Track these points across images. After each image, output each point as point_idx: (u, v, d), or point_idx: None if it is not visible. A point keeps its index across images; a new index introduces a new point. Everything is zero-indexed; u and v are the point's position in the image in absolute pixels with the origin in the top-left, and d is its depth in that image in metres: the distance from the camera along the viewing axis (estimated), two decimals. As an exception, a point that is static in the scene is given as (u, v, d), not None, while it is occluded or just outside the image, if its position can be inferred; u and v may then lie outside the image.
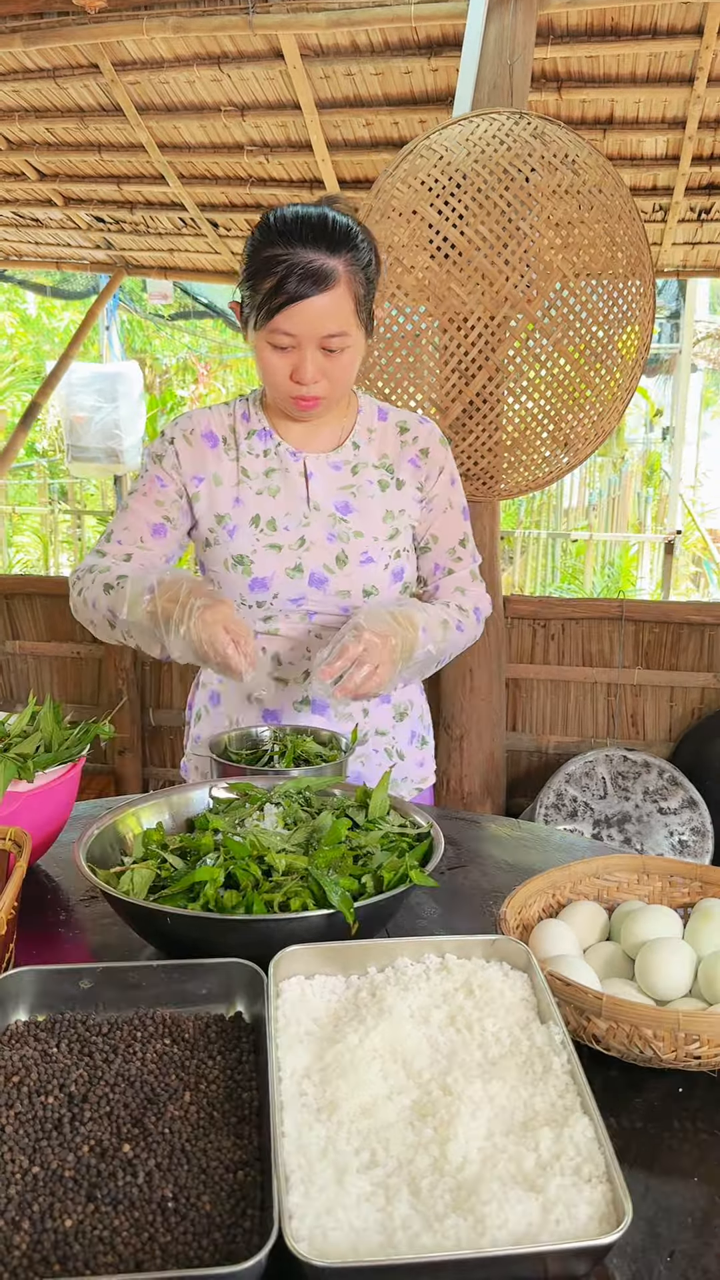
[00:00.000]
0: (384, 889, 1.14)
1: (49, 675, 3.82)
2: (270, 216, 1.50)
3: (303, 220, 1.46)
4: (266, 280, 1.46)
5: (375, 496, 1.67)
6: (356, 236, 1.50)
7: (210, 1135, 0.85)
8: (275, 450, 1.66)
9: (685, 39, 3.18)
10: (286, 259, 1.44)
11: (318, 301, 1.46)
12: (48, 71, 3.72)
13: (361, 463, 1.68)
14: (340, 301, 1.48)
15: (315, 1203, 0.75)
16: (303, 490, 1.66)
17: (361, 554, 1.65)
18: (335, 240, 1.46)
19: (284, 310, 1.45)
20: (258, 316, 1.49)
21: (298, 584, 1.65)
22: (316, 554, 1.64)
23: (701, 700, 3.34)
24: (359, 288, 1.51)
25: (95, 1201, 0.78)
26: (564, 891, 1.23)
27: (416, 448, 1.70)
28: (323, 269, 1.44)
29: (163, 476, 1.65)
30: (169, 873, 1.19)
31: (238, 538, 1.64)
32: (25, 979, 0.97)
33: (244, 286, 1.52)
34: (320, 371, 1.52)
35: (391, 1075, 0.88)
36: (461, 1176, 0.78)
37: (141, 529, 1.65)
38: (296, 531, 1.64)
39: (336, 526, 1.65)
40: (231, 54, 3.48)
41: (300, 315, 1.46)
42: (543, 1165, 0.79)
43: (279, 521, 1.64)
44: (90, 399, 7.24)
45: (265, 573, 1.64)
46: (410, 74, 3.44)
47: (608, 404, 2.90)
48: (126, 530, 1.65)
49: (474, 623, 1.73)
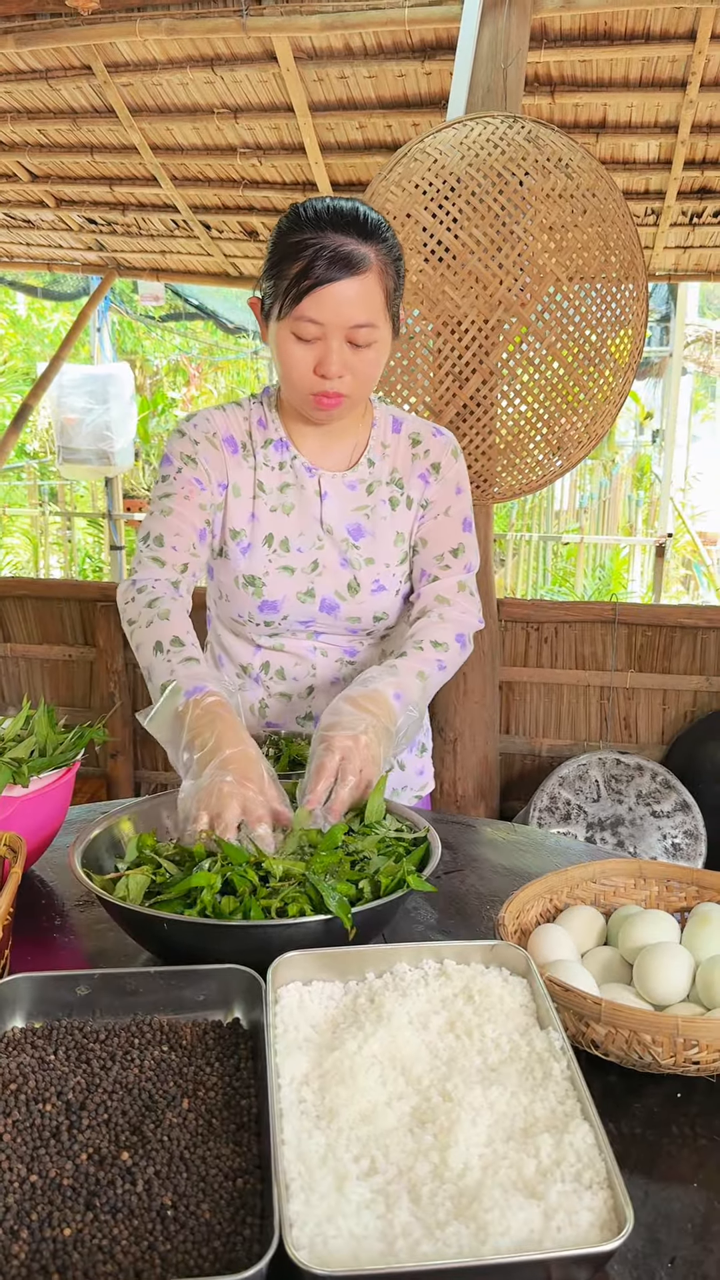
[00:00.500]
0: (381, 894, 1.13)
1: (40, 678, 3.81)
2: (299, 206, 1.44)
3: (334, 209, 1.41)
4: (294, 264, 1.39)
5: (387, 518, 1.63)
6: (387, 230, 1.44)
7: (209, 1143, 0.85)
8: (291, 464, 1.61)
9: (678, 44, 3.19)
10: (316, 242, 1.38)
11: (348, 287, 1.39)
12: (40, 73, 3.71)
13: (376, 480, 1.63)
14: (371, 290, 1.41)
15: (316, 1210, 0.75)
16: (317, 510, 1.61)
17: (374, 581, 1.61)
18: (367, 229, 1.40)
19: (312, 294, 1.38)
20: (283, 304, 1.42)
21: (308, 608, 1.61)
22: (329, 580, 1.61)
23: (694, 703, 3.34)
24: (389, 280, 1.44)
25: (94, 1210, 0.78)
26: (561, 896, 1.23)
27: (428, 462, 1.64)
28: (354, 253, 1.38)
29: (201, 479, 1.57)
30: (164, 878, 1.18)
31: (251, 557, 1.60)
32: (21, 985, 0.97)
33: (266, 277, 1.46)
34: (345, 366, 1.44)
35: (391, 1082, 0.88)
36: (462, 1183, 0.78)
37: (191, 535, 1.55)
38: (310, 554, 1.60)
39: (349, 552, 1.61)
40: (225, 56, 3.48)
41: (329, 300, 1.39)
42: (543, 1172, 0.79)
43: (292, 542, 1.60)
44: (81, 400, 7.21)
45: (277, 595, 1.60)
46: (404, 77, 3.45)
47: (601, 407, 2.91)
48: (179, 536, 1.54)
49: (458, 651, 1.59)
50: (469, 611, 1.63)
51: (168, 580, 1.52)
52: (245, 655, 1.71)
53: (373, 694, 1.38)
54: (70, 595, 3.72)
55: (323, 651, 1.68)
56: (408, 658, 1.51)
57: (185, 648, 1.40)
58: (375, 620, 1.65)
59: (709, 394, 11.11)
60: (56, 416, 7.16)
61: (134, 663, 3.76)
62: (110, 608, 3.63)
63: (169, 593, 1.49)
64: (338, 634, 1.66)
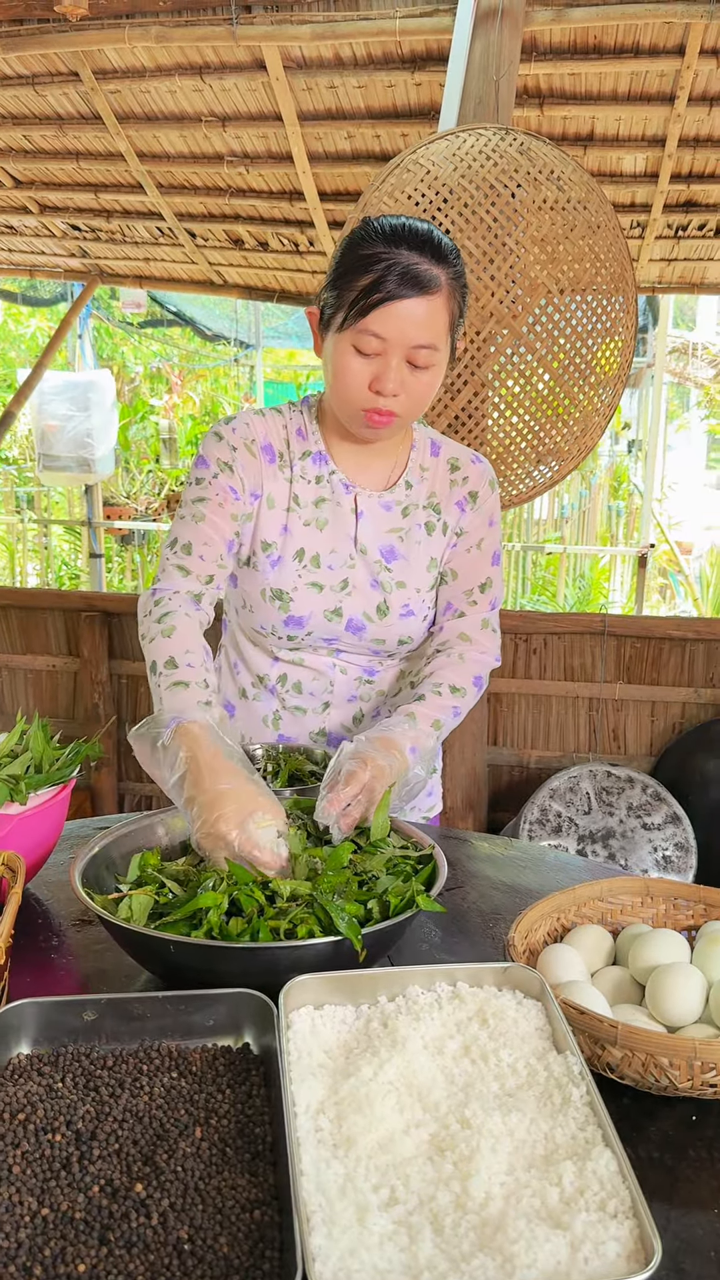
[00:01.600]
0: (390, 915, 1.12)
1: (23, 688, 3.77)
2: (372, 220, 1.42)
3: (409, 227, 1.39)
4: (363, 277, 1.36)
5: (421, 542, 1.59)
6: (458, 257, 1.42)
7: (224, 1173, 0.83)
8: (328, 478, 1.57)
9: (667, 58, 3.22)
10: (389, 258, 1.35)
11: (416, 306, 1.36)
12: (26, 78, 3.69)
13: (412, 504, 1.60)
14: (438, 313, 1.39)
15: (338, 1244, 0.73)
16: (351, 528, 1.57)
17: (403, 606, 1.59)
18: (441, 251, 1.38)
19: (379, 309, 1.36)
20: (347, 315, 1.38)
21: (334, 626, 1.59)
22: (358, 600, 1.58)
23: (682, 715, 3.35)
24: (455, 305, 1.42)
25: (108, 1244, 0.76)
26: (568, 915, 1.22)
27: (465, 490, 1.61)
28: (427, 273, 1.36)
29: (236, 489, 1.52)
30: (167, 898, 1.16)
31: (280, 570, 1.56)
32: (27, 1011, 0.95)
33: (330, 288, 1.42)
34: (401, 385, 1.41)
35: (408, 1109, 0.87)
36: (485, 1213, 0.76)
37: (220, 546, 1.51)
38: (341, 572, 1.57)
39: (380, 574, 1.58)
40: (214, 64, 3.47)
41: (395, 317, 1.36)
42: (567, 1201, 0.78)
43: (323, 559, 1.57)
44: (62, 408, 7.16)
45: (304, 611, 1.57)
46: (393, 87, 3.45)
47: (590, 419, 2.92)
48: (207, 546, 1.50)
49: (474, 695, 1.58)
50: (488, 651, 1.62)
51: (187, 592, 1.47)
52: (263, 666, 1.68)
53: (389, 741, 1.38)
54: (54, 605, 3.68)
55: (342, 669, 1.65)
56: (425, 703, 1.50)
57: (178, 670, 1.36)
58: (400, 644, 1.62)
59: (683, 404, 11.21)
60: (37, 423, 7.11)
61: (119, 674, 3.73)
62: (95, 618, 3.60)
63: (183, 607, 1.45)
64: (360, 653, 1.64)
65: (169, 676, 1.36)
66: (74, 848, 1.63)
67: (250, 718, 1.71)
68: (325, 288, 1.46)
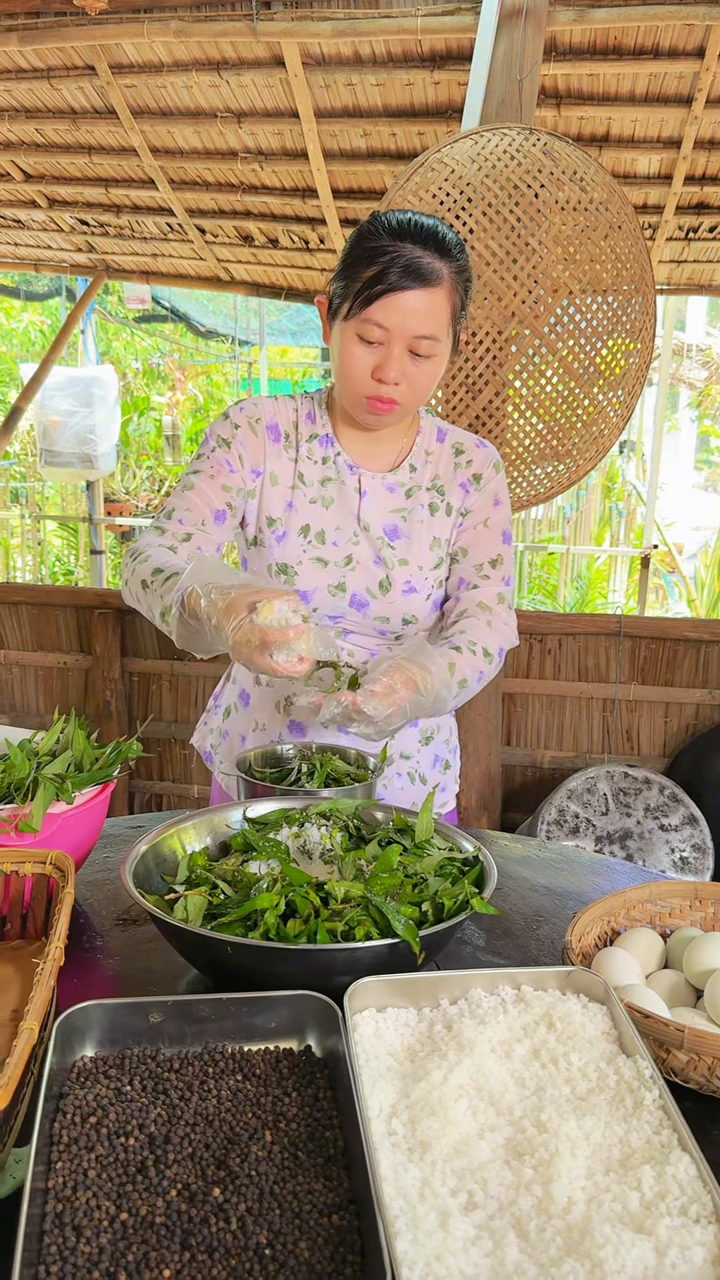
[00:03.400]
0: (444, 917, 1.12)
1: (34, 686, 3.76)
2: (379, 214, 1.47)
3: (415, 222, 1.44)
4: (369, 269, 1.42)
5: (424, 521, 1.64)
6: (462, 252, 1.48)
7: (298, 1177, 0.82)
8: (334, 459, 1.63)
9: (686, 60, 3.22)
10: (393, 250, 1.41)
11: (418, 298, 1.42)
12: (41, 72, 3.67)
13: (416, 486, 1.65)
14: (439, 305, 1.44)
15: (424, 1249, 0.73)
16: (355, 506, 1.63)
17: (405, 582, 1.63)
18: (445, 246, 1.44)
19: (382, 299, 1.41)
20: (351, 305, 1.44)
21: (339, 602, 1.62)
22: (361, 575, 1.62)
23: (697, 716, 3.36)
24: (457, 298, 1.48)
25: (190, 1249, 0.75)
26: (618, 918, 1.22)
27: (469, 472, 1.66)
28: (429, 266, 1.41)
29: (231, 463, 1.59)
30: (219, 899, 1.16)
31: (285, 545, 1.61)
32: (92, 1013, 0.94)
33: (338, 278, 1.48)
34: (403, 374, 1.47)
35: (481, 1112, 0.86)
36: (569, 1218, 0.76)
37: (204, 512, 1.57)
38: (345, 548, 1.62)
39: (383, 550, 1.62)
40: (232, 60, 3.46)
41: (397, 308, 1.42)
42: (648, 1205, 0.77)
43: (328, 535, 1.61)
44: (65, 403, 7.13)
45: (309, 586, 1.61)
46: (411, 86, 3.44)
47: (609, 421, 2.92)
48: (189, 511, 1.57)
49: (496, 666, 1.62)
50: (510, 625, 1.67)
51: (160, 544, 1.52)
52: None
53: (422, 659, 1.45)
54: (67, 602, 3.67)
55: (350, 653, 1.67)
56: (461, 655, 1.54)
57: (163, 571, 1.41)
58: (404, 623, 1.65)
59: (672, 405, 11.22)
60: (39, 419, 7.09)
61: (131, 671, 3.72)
62: (108, 615, 3.59)
63: (157, 547, 1.50)
64: (366, 634, 1.67)
65: (160, 578, 1.40)
66: (107, 847, 1.62)
67: (264, 704, 1.74)
68: (334, 278, 1.51)
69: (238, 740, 1.76)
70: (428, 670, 1.43)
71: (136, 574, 1.46)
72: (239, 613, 1.24)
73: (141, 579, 1.44)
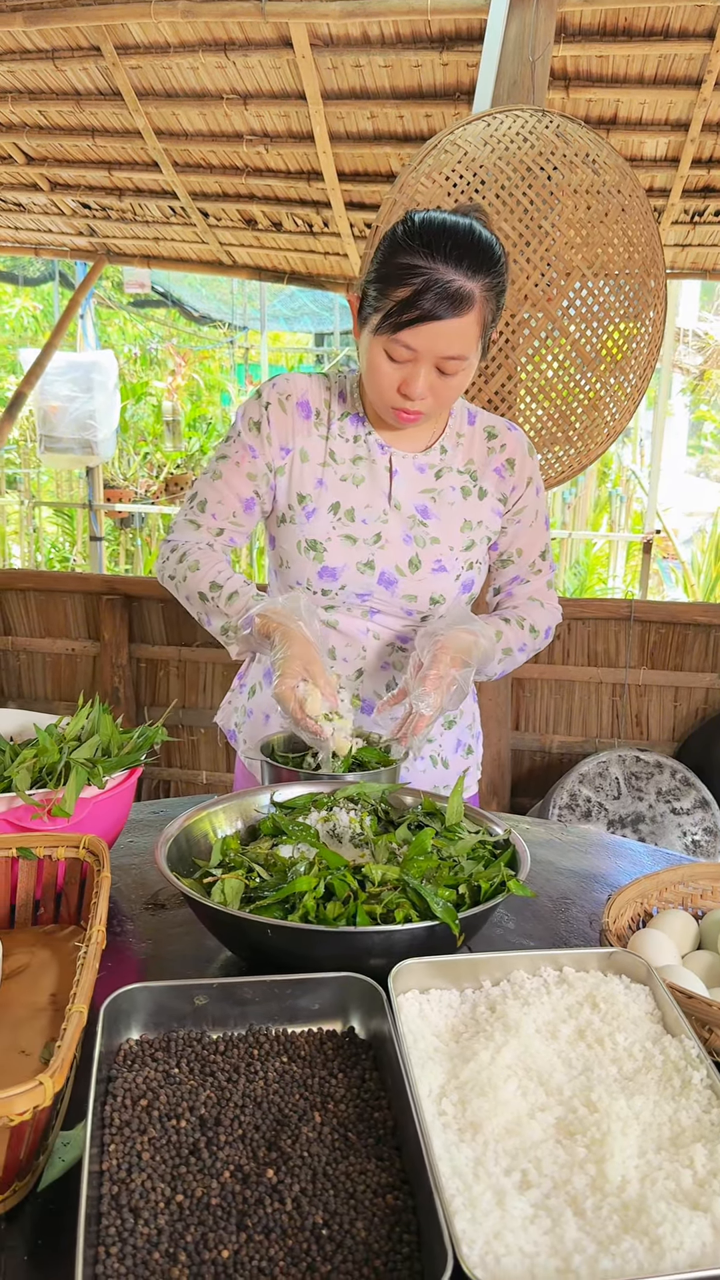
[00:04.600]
0: (481, 899, 1.12)
1: (41, 672, 3.75)
2: (415, 218, 1.44)
3: (449, 231, 1.40)
4: (400, 289, 1.40)
5: (456, 504, 1.65)
6: (499, 258, 1.44)
7: (350, 1158, 0.83)
8: (365, 438, 1.63)
9: (696, 41, 3.19)
10: (426, 273, 1.38)
11: (448, 325, 1.41)
12: (46, 53, 3.64)
13: (446, 467, 1.65)
14: (469, 326, 1.43)
15: (482, 1227, 0.74)
16: (386, 485, 1.63)
17: (435, 561, 1.63)
18: (479, 261, 1.40)
19: (412, 327, 1.41)
20: (381, 323, 1.43)
21: (367, 579, 1.62)
22: (391, 553, 1.62)
23: (706, 700, 3.36)
24: (489, 313, 1.46)
25: (247, 1230, 0.75)
26: (651, 900, 1.22)
27: (503, 457, 1.67)
28: (460, 291, 1.39)
29: (256, 447, 1.62)
30: (255, 883, 1.16)
31: (315, 521, 1.61)
32: (138, 996, 0.94)
33: (372, 286, 1.46)
34: (429, 389, 1.47)
35: (530, 1092, 0.87)
36: (624, 1196, 0.77)
37: (234, 503, 1.63)
38: (374, 526, 1.62)
39: (415, 529, 1.63)
40: (239, 41, 3.43)
41: (427, 334, 1.41)
42: (701, 1183, 0.78)
43: (358, 513, 1.62)
44: (65, 389, 7.09)
45: (337, 563, 1.61)
46: (420, 67, 3.41)
47: (620, 404, 2.91)
48: (220, 504, 1.64)
49: (543, 641, 1.74)
50: (557, 607, 1.79)
51: (198, 542, 1.64)
52: None
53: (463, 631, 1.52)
54: (75, 588, 3.66)
55: (375, 634, 1.67)
56: (510, 625, 1.66)
57: (223, 588, 1.55)
58: (432, 602, 1.65)
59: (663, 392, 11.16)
60: (39, 404, 7.05)
61: (139, 657, 3.71)
62: (116, 601, 3.58)
63: (199, 544, 1.63)
64: (393, 614, 1.67)
65: (221, 594, 1.55)
66: (131, 832, 1.62)
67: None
68: (366, 279, 1.49)
69: (261, 719, 1.76)
70: (475, 635, 1.50)
71: (190, 581, 1.59)
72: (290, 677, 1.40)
73: (198, 591, 1.58)
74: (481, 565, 1.70)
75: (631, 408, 2.97)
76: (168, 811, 1.76)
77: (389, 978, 0.96)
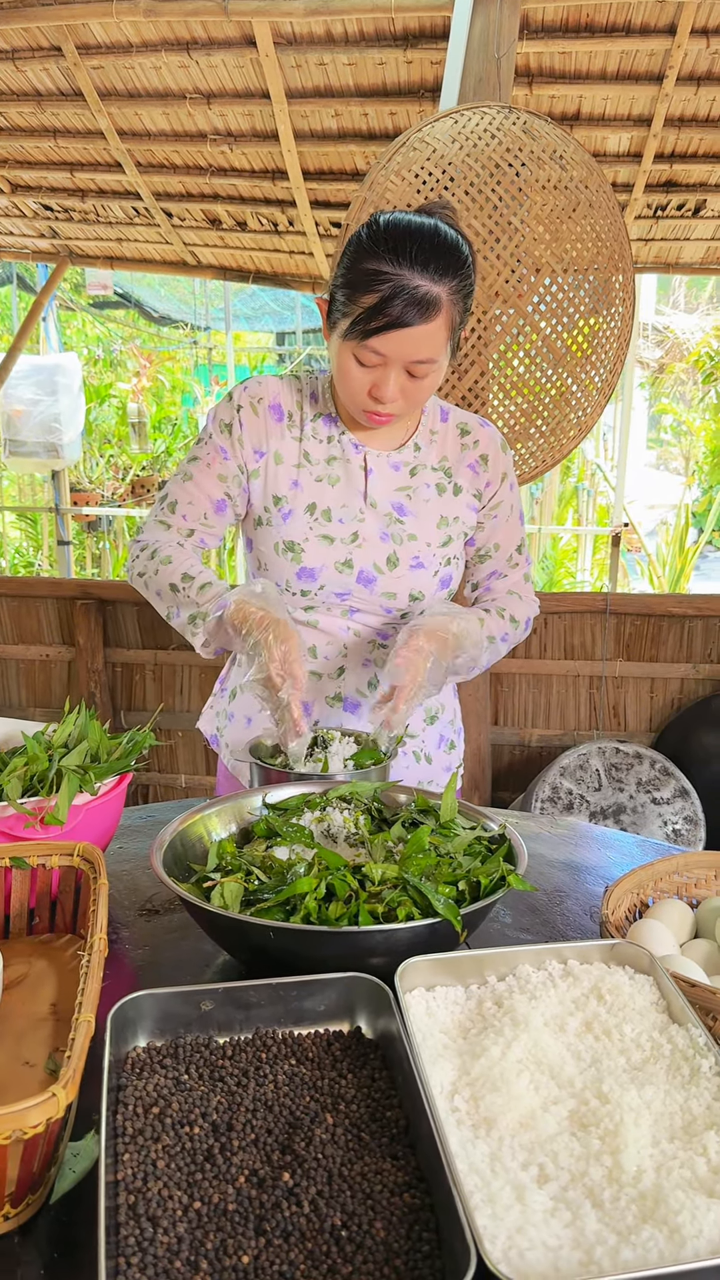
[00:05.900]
0: (480, 895, 1.12)
1: (15, 678, 3.71)
2: (380, 220, 1.44)
3: (415, 235, 1.40)
4: (367, 296, 1.40)
5: (431, 500, 1.65)
6: (465, 259, 1.44)
7: (364, 1158, 0.83)
8: (339, 438, 1.63)
9: (658, 37, 3.22)
10: (392, 280, 1.38)
11: (417, 331, 1.41)
12: (6, 53, 3.59)
13: (421, 465, 1.66)
14: (437, 331, 1.43)
15: (504, 1222, 0.74)
16: (361, 484, 1.63)
17: (413, 558, 1.63)
18: (445, 264, 1.40)
19: (380, 334, 1.41)
20: (350, 329, 1.44)
21: (345, 579, 1.63)
22: (368, 551, 1.62)
23: (681, 690, 3.39)
24: (456, 315, 1.46)
25: (265, 1235, 0.75)
26: (647, 890, 1.23)
27: (477, 453, 1.68)
28: (427, 297, 1.39)
29: (227, 448, 1.61)
30: (254, 885, 1.15)
31: (291, 523, 1.61)
32: (145, 1003, 0.93)
33: (339, 291, 1.46)
34: (400, 391, 1.48)
35: (542, 1086, 0.87)
36: (641, 1186, 0.77)
37: (205, 505, 1.63)
38: (351, 525, 1.62)
39: (391, 526, 1.63)
40: (202, 40, 3.41)
41: (395, 340, 1.42)
42: (715, 1170, 0.79)
43: (334, 513, 1.62)
44: (29, 392, 7.02)
45: (315, 563, 1.61)
46: (384, 65, 3.41)
47: (591, 399, 2.93)
48: (191, 505, 1.63)
49: (523, 632, 1.75)
50: (533, 603, 1.79)
51: (169, 541, 1.63)
52: None
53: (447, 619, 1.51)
54: (48, 593, 3.63)
55: (355, 632, 1.68)
56: (490, 615, 1.66)
57: (195, 579, 1.53)
58: (411, 600, 1.66)
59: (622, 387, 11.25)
60: (2, 409, 6.97)
61: (114, 662, 3.68)
62: (90, 605, 3.55)
63: (171, 542, 1.62)
64: (373, 613, 1.67)
65: (193, 584, 1.53)
66: (120, 838, 1.61)
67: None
68: (333, 283, 1.49)
69: (243, 722, 1.76)
70: (451, 615, 1.50)
71: (160, 575, 1.56)
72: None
73: (169, 583, 1.55)
74: (459, 561, 1.71)
75: (602, 402, 2.99)
76: (155, 816, 1.75)
77: (395, 976, 0.96)
